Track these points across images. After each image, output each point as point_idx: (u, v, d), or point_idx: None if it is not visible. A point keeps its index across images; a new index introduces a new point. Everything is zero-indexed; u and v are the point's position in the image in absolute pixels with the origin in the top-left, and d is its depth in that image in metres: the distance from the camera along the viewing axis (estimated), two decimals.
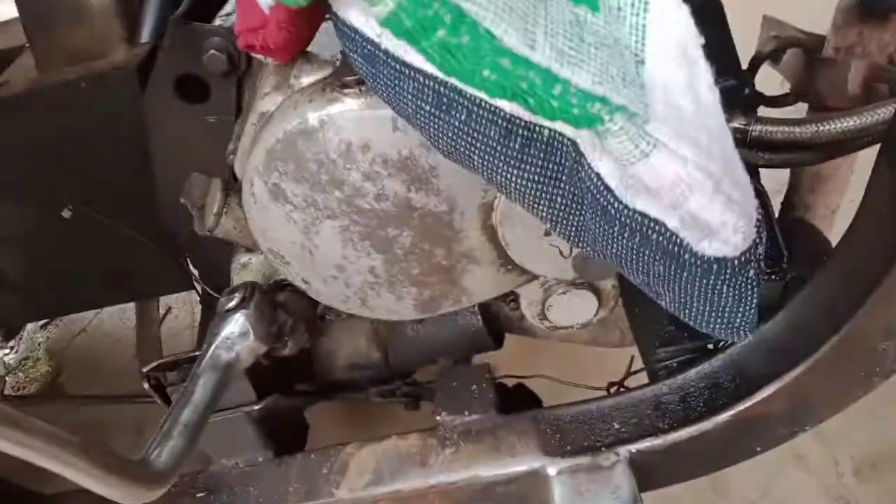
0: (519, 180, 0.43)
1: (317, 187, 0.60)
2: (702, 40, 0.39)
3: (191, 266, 0.97)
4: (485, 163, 0.43)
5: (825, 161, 0.73)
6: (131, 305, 1.66)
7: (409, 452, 0.84)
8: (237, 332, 0.66)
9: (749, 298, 0.45)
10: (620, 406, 0.82)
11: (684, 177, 0.37)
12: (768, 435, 0.78)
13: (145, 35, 0.71)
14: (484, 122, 0.40)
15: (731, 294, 0.45)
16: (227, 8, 0.85)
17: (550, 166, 0.41)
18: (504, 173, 0.43)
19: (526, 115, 0.40)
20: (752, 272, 0.44)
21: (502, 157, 0.42)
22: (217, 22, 0.81)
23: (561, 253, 0.64)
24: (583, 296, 0.71)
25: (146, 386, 0.88)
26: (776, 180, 0.98)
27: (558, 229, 0.44)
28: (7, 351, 1.80)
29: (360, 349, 1.03)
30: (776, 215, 0.85)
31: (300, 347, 0.76)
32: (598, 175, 0.39)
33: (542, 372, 1.13)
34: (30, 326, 1.79)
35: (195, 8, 0.86)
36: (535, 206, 0.44)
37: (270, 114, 0.61)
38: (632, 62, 0.38)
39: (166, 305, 1.69)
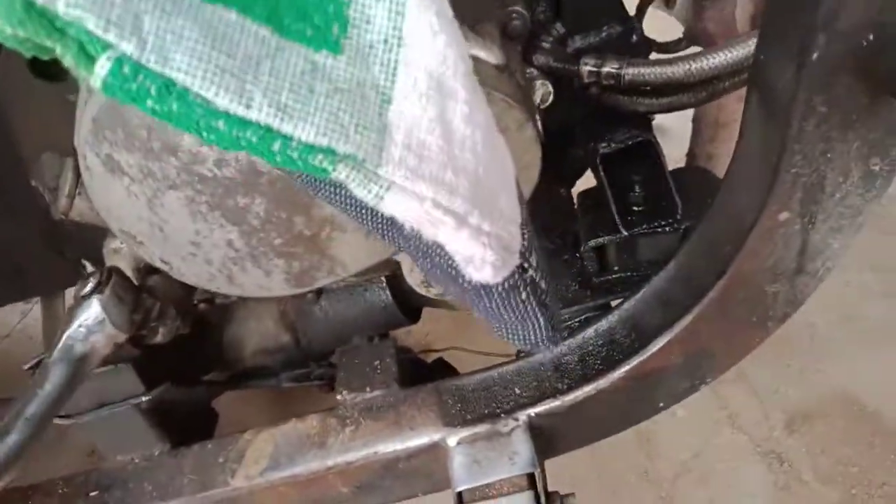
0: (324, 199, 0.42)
1: (150, 155, 0.55)
2: (465, 66, 0.39)
3: (82, 259, 0.93)
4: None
5: (708, 101, 0.70)
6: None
7: (307, 434, 0.81)
8: (91, 320, 0.62)
9: (533, 318, 0.45)
10: (522, 371, 0.79)
11: (423, 214, 0.38)
12: (668, 389, 0.76)
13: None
14: None
15: (511, 314, 0.46)
16: None
17: (327, 188, 0.40)
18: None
19: None
20: (524, 295, 0.45)
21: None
22: None
23: None
24: None
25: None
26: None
27: (383, 238, 0.43)
28: None
29: (268, 333, 0.99)
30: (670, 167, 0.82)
31: (173, 334, 0.72)
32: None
33: (464, 345, 1.10)
34: None
35: None
36: (350, 214, 0.43)
37: None
38: (375, 103, 0.38)
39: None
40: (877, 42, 0.47)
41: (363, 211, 0.40)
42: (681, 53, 0.67)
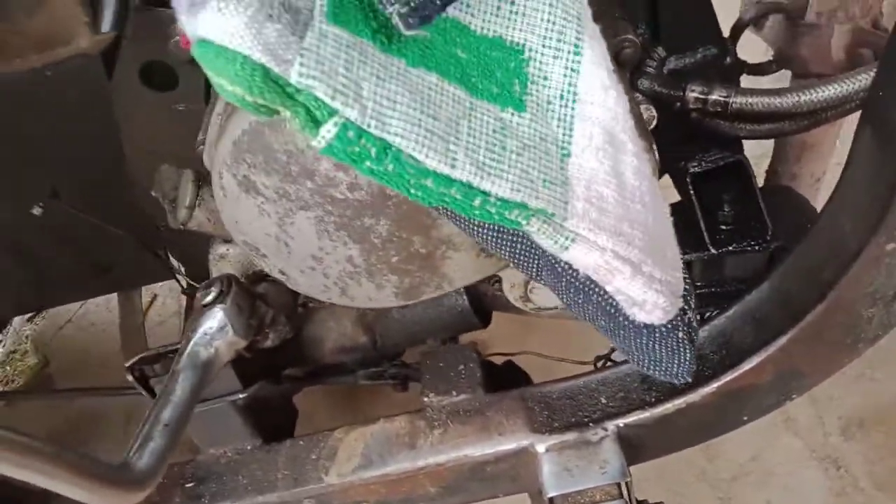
0: (480, 234, 0.45)
1: (288, 178, 0.58)
2: (631, 120, 0.41)
3: (171, 257, 0.96)
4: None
5: (808, 130, 0.71)
6: (115, 296, 1.65)
7: (397, 435, 0.84)
8: (215, 328, 0.66)
9: (682, 354, 0.49)
10: (608, 381, 0.82)
11: (603, 264, 0.41)
12: (756, 404, 0.78)
13: (107, 23, 0.69)
14: None
15: (664, 351, 0.49)
16: None
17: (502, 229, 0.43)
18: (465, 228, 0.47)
19: None
20: (681, 335, 0.48)
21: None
22: None
23: None
24: None
25: (130, 378, 0.88)
26: (763, 144, 0.97)
27: (521, 270, 0.46)
28: None
29: (346, 333, 1.02)
30: (760, 184, 0.84)
31: (282, 338, 0.75)
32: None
33: (531, 348, 1.13)
34: (16, 320, 1.78)
35: None
36: (498, 250, 0.46)
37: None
38: (557, 157, 0.40)
39: (151, 293, 1.68)
40: None
41: (530, 254, 0.43)
42: (789, 86, 0.68)
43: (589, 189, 0.40)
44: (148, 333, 1.28)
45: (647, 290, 0.41)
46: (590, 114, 0.41)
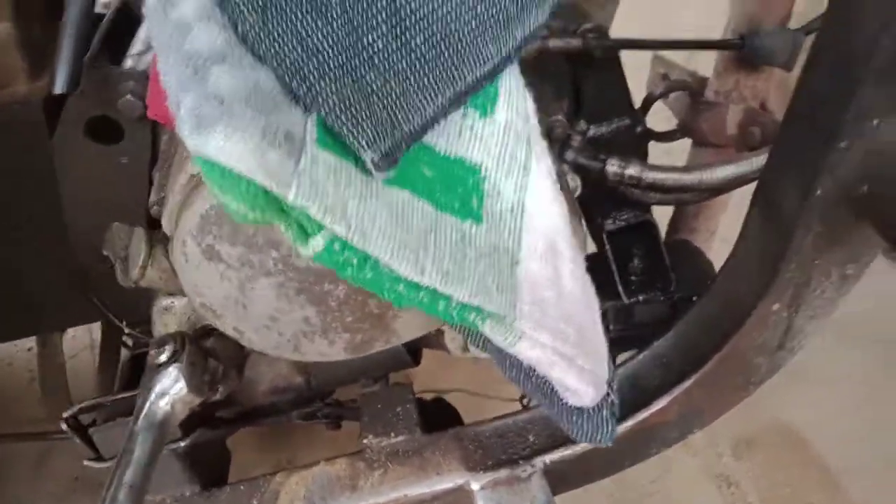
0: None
1: (253, 248, 0.61)
2: (570, 228, 0.48)
3: (99, 303, 0.95)
4: None
5: (708, 200, 0.82)
6: None
7: (338, 477, 0.88)
8: (170, 387, 0.67)
9: (605, 427, 0.59)
10: (535, 420, 0.89)
11: (544, 358, 0.48)
12: (662, 439, 0.88)
13: (60, 84, 0.69)
14: None
15: (590, 425, 0.58)
16: (138, 46, 0.83)
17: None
18: None
19: None
20: (605, 413, 0.57)
21: None
22: (128, 63, 0.79)
23: None
24: None
25: (65, 428, 0.87)
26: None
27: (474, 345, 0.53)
28: None
29: (282, 374, 1.04)
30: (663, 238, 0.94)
31: (230, 390, 0.77)
32: None
33: (457, 384, 1.19)
34: None
35: (104, 45, 0.84)
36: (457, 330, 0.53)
37: (201, 176, 0.62)
38: (508, 266, 0.47)
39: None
40: (871, 192, 0.59)
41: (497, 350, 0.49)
42: (696, 165, 0.79)
43: (533, 293, 0.46)
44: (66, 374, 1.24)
45: (578, 381, 0.49)
46: (536, 225, 0.47)
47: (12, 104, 0.80)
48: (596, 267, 0.96)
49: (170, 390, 0.67)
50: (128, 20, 0.91)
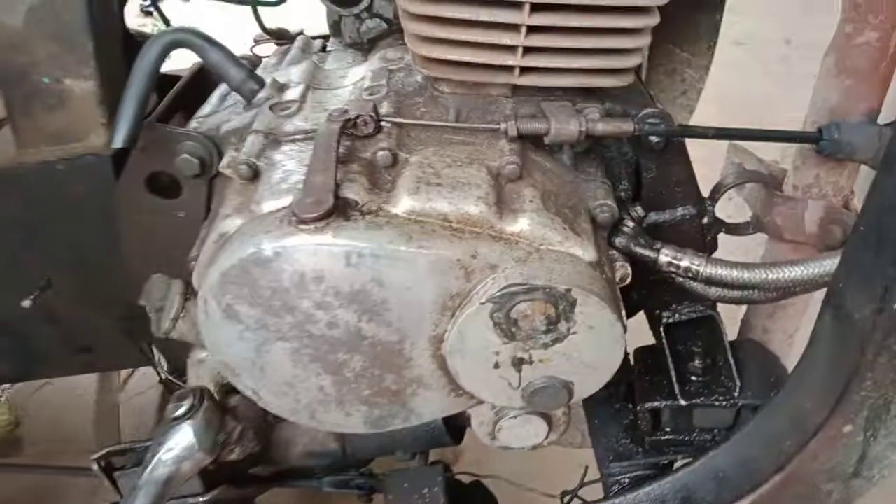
0: None
1: (269, 311, 0.60)
2: None
3: (153, 349, 0.97)
4: None
5: (777, 301, 0.74)
6: None
7: None
8: (182, 444, 0.66)
9: None
10: None
11: None
12: None
13: (120, 139, 0.73)
14: None
15: None
16: (205, 109, 0.87)
17: None
18: None
19: None
20: None
21: None
22: (194, 123, 0.83)
23: (510, 384, 0.64)
24: (533, 421, 0.71)
25: (95, 469, 0.87)
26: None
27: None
28: None
29: (317, 438, 1.02)
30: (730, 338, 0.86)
31: (248, 453, 0.75)
32: None
33: (504, 466, 1.12)
34: None
35: (174, 104, 0.88)
36: None
37: (229, 236, 0.62)
38: None
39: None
40: None
41: None
42: (760, 263, 0.72)
43: None
44: (126, 404, 1.28)
45: None
46: None
47: (87, 155, 0.86)
48: (652, 361, 0.90)
49: (180, 447, 0.66)
50: (202, 82, 0.97)
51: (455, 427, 1.01)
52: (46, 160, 0.87)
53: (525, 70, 0.67)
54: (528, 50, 0.66)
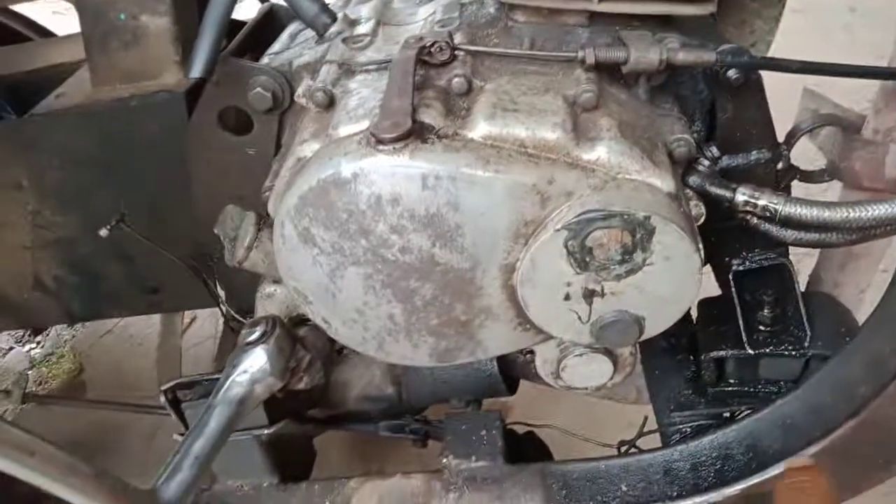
0: None
1: (345, 235, 0.61)
2: None
3: (218, 288, 1.00)
4: None
5: (856, 244, 0.72)
6: None
7: (412, 492, 0.85)
8: (255, 367, 0.68)
9: None
10: (630, 468, 0.81)
11: None
12: None
13: (197, 69, 0.74)
14: None
15: None
16: (276, 46, 0.87)
17: None
18: None
19: None
20: None
21: None
22: (265, 60, 0.84)
23: (580, 318, 0.64)
24: (599, 360, 0.71)
25: (163, 401, 0.90)
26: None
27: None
28: (33, 345, 1.85)
29: (374, 382, 1.04)
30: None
31: (315, 383, 0.77)
32: None
33: (555, 421, 1.12)
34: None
35: (245, 44, 0.89)
36: None
37: (307, 160, 0.63)
38: None
39: (191, 315, 1.72)
40: None
41: None
42: (843, 202, 0.69)
43: None
44: (183, 354, 1.31)
45: None
46: None
47: (161, 92, 0.87)
48: (717, 312, 0.89)
49: (253, 370, 0.68)
50: (272, 23, 0.98)
51: (510, 377, 1.02)
52: (121, 97, 0.89)
53: None
54: None
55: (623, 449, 0.93)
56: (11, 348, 1.88)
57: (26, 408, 1.66)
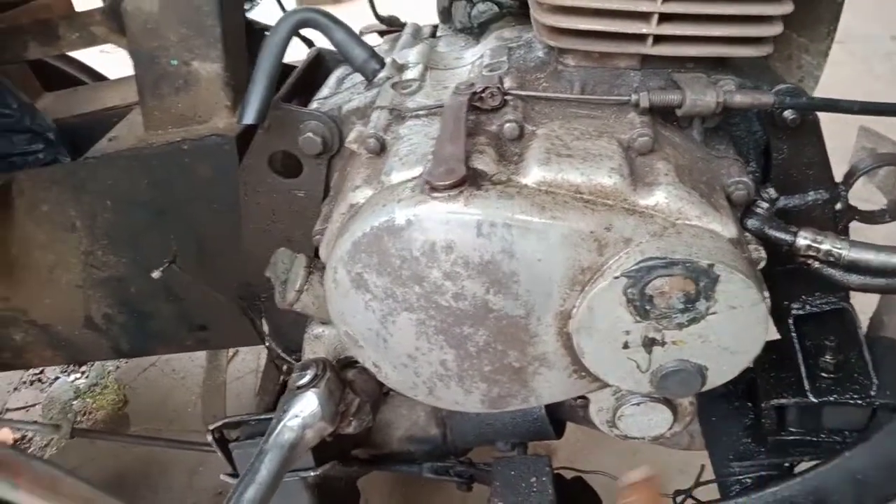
0: None
1: (398, 281, 0.61)
2: None
3: (265, 326, 1.00)
4: None
5: None
6: None
7: None
8: (306, 412, 0.67)
9: None
10: None
11: None
12: None
13: (250, 116, 0.75)
14: None
15: None
16: (324, 91, 0.89)
17: None
18: None
19: None
20: None
21: None
22: (314, 105, 0.85)
23: (639, 367, 0.62)
24: (658, 409, 0.69)
25: (210, 439, 0.90)
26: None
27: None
28: (78, 375, 1.88)
29: (419, 423, 1.02)
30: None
31: (363, 427, 0.76)
32: None
33: (600, 465, 1.09)
34: None
35: (294, 89, 0.91)
36: None
37: (359, 206, 0.63)
38: None
39: (234, 349, 1.74)
40: None
41: None
42: None
43: None
44: (225, 391, 1.32)
45: None
46: None
47: (212, 136, 0.89)
48: (777, 357, 0.86)
49: (304, 414, 0.67)
50: (319, 68, 0.99)
51: (556, 420, 0.99)
52: (172, 141, 0.91)
53: (658, 39, 0.65)
54: (663, 17, 0.63)
55: (679, 499, 0.90)
56: (57, 378, 1.91)
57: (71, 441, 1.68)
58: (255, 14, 1.02)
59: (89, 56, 1.38)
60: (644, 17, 0.64)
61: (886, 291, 0.71)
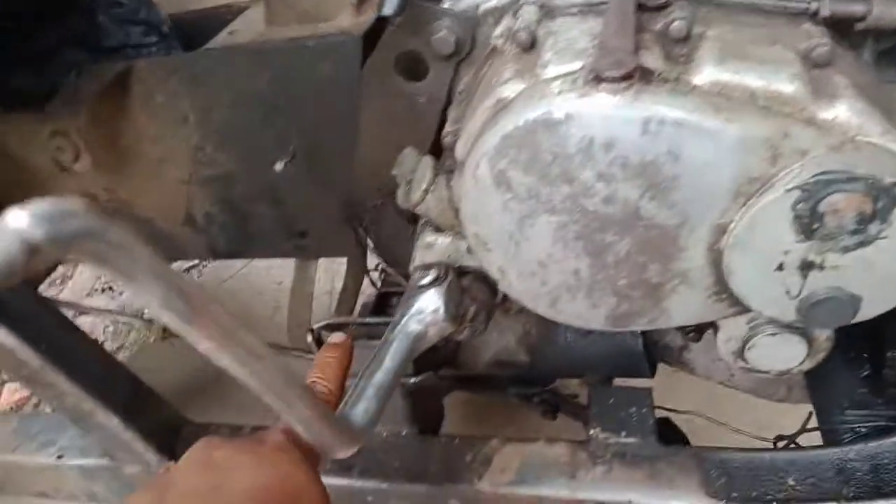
0: None
1: (545, 180, 0.58)
2: None
3: (369, 239, 1.00)
4: None
5: None
6: (277, 263, 1.74)
7: (556, 461, 0.82)
8: (430, 308, 0.67)
9: None
10: (797, 463, 0.76)
11: None
12: None
13: (390, 6, 0.73)
14: None
15: None
16: None
17: None
18: None
19: None
20: None
21: None
22: (447, 3, 0.82)
23: (788, 292, 0.59)
24: (793, 342, 0.66)
25: (309, 340, 0.92)
26: None
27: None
28: None
29: (508, 348, 1.02)
30: None
31: (475, 335, 0.75)
32: None
33: (690, 408, 1.07)
34: (181, 265, 1.91)
35: None
36: None
37: (510, 100, 0.60)
38: None
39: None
40: None
41: None
42: None
43: None
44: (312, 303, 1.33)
45: None
46: None
47: (336, 34, 0.87)
48: None
49: (428, 312, 0.67)
50: None
51: (651, 359, 0.97)
52: (296, 37, 0.90)
53: None
54: None
55: (780, 444, 0.87)
56: None
57: (151, 343, 1.74)
58: None
59: None
60: None
61: None
